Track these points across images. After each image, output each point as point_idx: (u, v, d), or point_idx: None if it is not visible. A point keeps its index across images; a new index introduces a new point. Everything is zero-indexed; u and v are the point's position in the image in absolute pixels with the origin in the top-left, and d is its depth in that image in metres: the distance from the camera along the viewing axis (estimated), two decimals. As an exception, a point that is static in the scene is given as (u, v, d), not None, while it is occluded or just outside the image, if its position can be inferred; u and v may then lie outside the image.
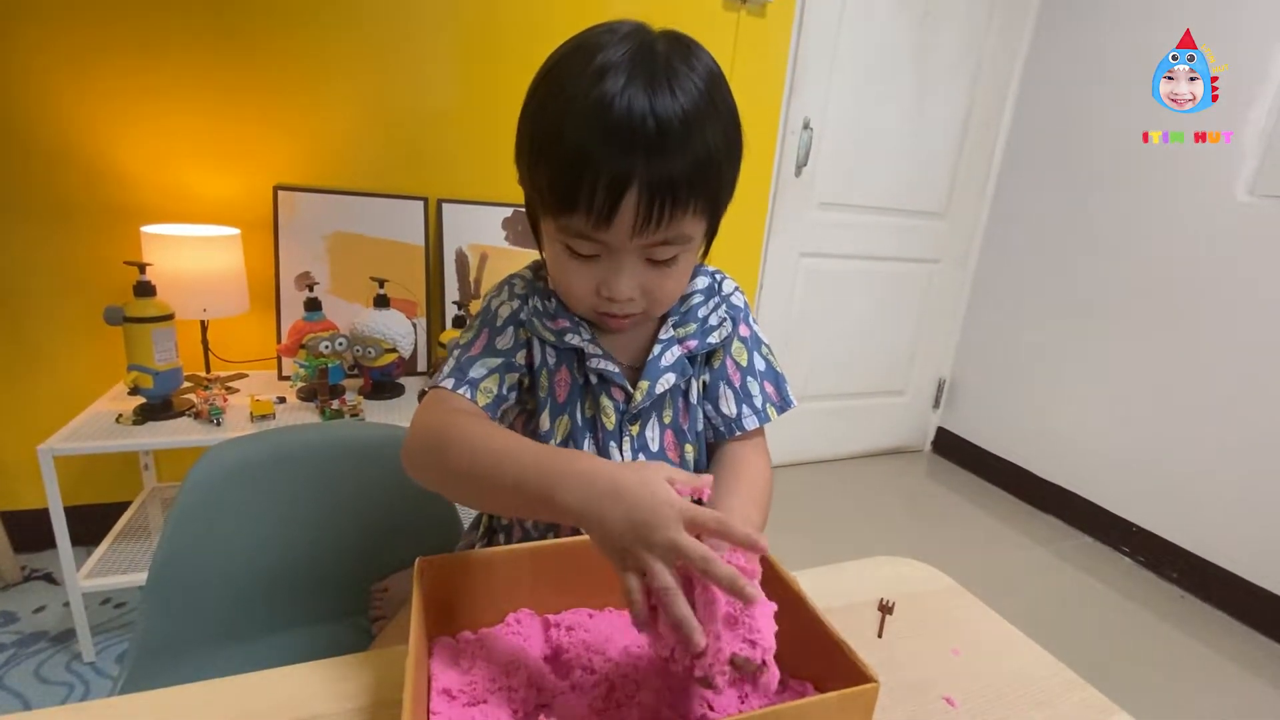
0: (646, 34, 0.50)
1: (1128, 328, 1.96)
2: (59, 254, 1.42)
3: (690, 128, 0.47)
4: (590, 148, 0.46)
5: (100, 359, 1.46)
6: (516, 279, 0.63)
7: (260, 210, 1.51)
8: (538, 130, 0.50)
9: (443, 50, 1.59)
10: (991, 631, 0.62)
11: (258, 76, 1.47)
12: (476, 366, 0.57)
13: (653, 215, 0.48)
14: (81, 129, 1.38)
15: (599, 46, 0.48)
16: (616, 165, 0.46)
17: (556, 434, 0.59)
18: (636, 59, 0.47)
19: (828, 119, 2.02)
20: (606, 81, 0.46)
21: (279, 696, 0.47)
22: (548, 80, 0.50)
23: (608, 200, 0.47)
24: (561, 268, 0.54)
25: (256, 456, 0.76)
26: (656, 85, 0.46)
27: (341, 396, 1.39)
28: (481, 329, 0.60)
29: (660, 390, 0.59)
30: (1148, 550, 1.91)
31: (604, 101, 0.46)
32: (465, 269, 1.68)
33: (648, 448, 0.60)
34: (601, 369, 0.58)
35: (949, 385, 2.56)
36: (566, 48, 0.51)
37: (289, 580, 0.78)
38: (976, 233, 2.41)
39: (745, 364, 0.64)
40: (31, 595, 1.41)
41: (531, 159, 0.51)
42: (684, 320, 0.62)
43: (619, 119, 0.45)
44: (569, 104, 0.47)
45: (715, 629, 0.38)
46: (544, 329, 0.59)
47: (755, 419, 0.63)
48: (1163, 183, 1.86)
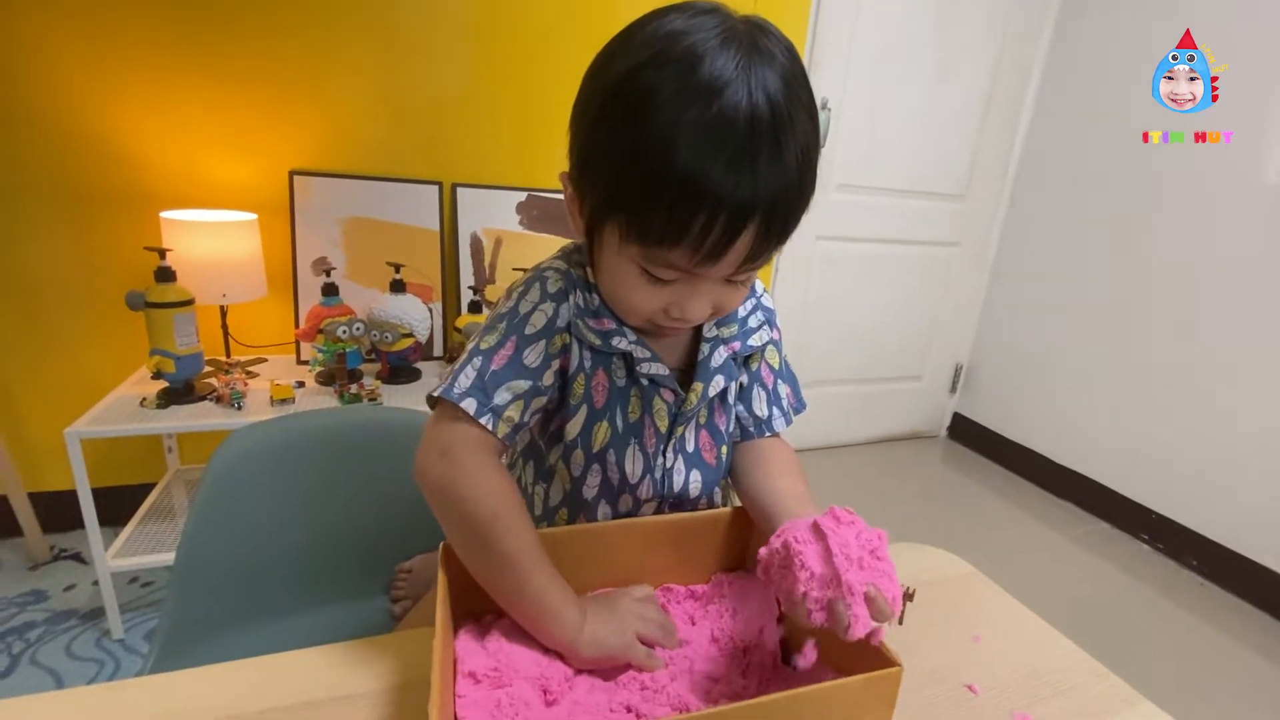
0: (741, 27, 0.43)
1: (1147, 313, 1.92)
2: (80, 241, 1.43)
3: (804, 149, 0.43)
4: (710, 181, 0.40)
5: (123, 344, 1.48)
6: (550, 273, 0.55)
7: (276, 195, 1.52)
8: (629, 156, 0.43)
9: (458, 35, 1.57)
10: (1013, 619, 0.62)
11: (273, 62, 1.46)
12: (502, 390, 0.50)
13: (763, 250, 0.44)
14: (98, 116, 1.38)
15: (699, 47, 0.41)
16: (740, 200, 0.41)
17: (594, 441, 0.55)
18: (749, 68, 0.41)
19: (846, 99, 1.99)
20: (725, 98, 0.40)
21: (306, 676, 0.48)
22: (633, 84, 0.42)
23: (723, 239, 0.42)
24: (627, 286, 0.48)
25: (278, 440, 0.77)
26: (775, 105, 0.41)
27: (359, 381, 1.40)
28: (509, 335, 0.52)
29: (713, 393, 0.57)
30: (1166, 537, 1.89)
31: (725, 125, 0.40)
32: (480, 253, 1.68)
33: (685, 449, 0.58)
34: (653, 374, 0.55)
35: (966, 370, 2.54)
36: (649, 41, 0.43)
37: (311, 561, 0.79)
38: (996, 216, 2.36)
39: (777, 366, 0.63)
40: (61, 574, 1.45)
41: (617, 179, 0.44)
42: (725, 320, 0.59)
43: (744, 146, 0.40)
44: (676, 122, 0.40)
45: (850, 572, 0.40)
46: (588, 331, 0.53)
47: (783, 420, 0.63)
48: (1186, 169, 1.81)
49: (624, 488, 0.57)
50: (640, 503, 0.58)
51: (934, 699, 0.51)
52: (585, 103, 0.46)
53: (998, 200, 2.34)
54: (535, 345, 0.52)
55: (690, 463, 0.58)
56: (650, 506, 0.58)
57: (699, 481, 0.58)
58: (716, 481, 0.60)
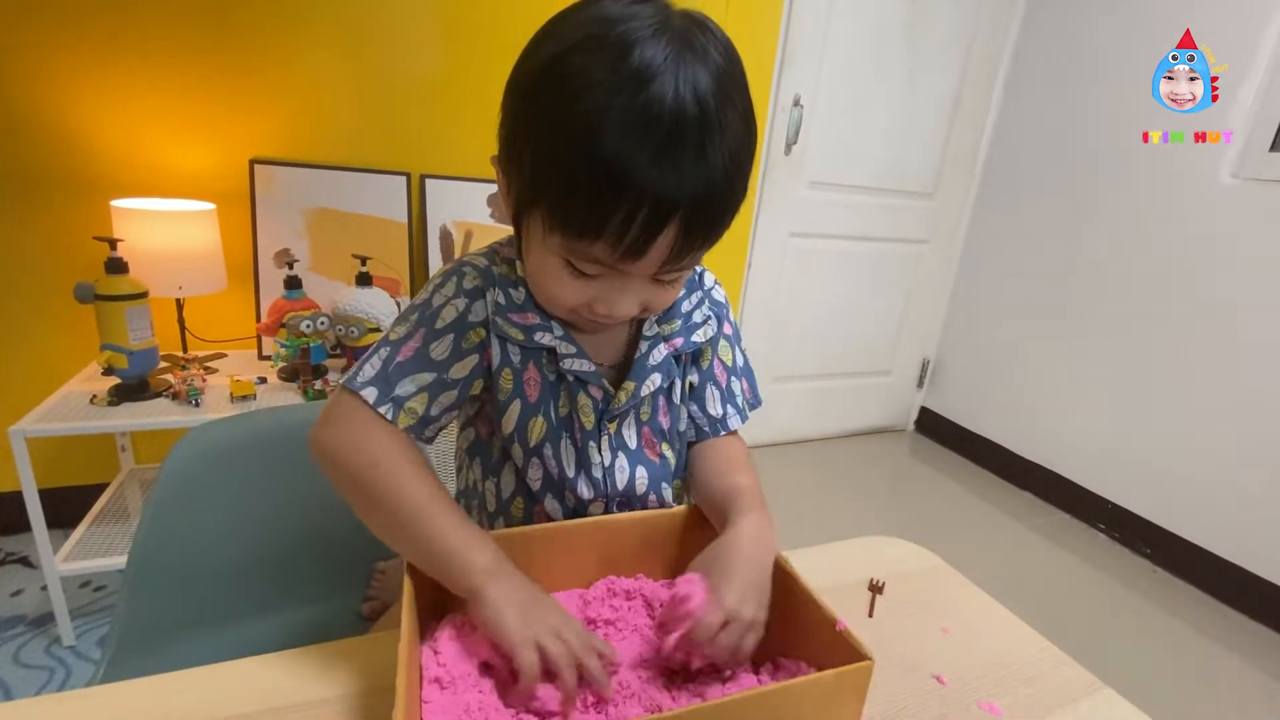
0: (678, 21, 0.43)
1: (1109, 310, 1.99)
2: (26, 228, 1.36)
3: (733, 152, 0.42)
4: (633, 172, 0.39)
5: (72, 338, 1.42)
6: (468, 268, 0.54)
7: (236, 184, 1.47)
8: (552, 131, 0.41)
9: (424, 20, 1.54)
10: (980, 610, 0.63)
11: (232, 44, 1.41)
12: (405, 382, 0.49)
13: (686, 249, 0.44)
14: (47, 99, 1.32)
15: (630, 35, 0.40)
16: (660, 197, 0.40)
17: (530, 436, 0.54)
18: (679, 61, 0.40)
19: (819, 96, 2.00)
20: (652, 89, 0.39)
21: (268, 683, 0.46)
22: (562, 67, 0.41)
23: (644, 234, 0.41)
24: (551, 278, 0.48)
25: (238, 438, 0.74)
26: (704, 102, 0.40)
27: (324, 376, 1.37)
28: (417, 328, 0.51)
29: (647, 391, 0.56)
30: (1121, 526, 1.96)
31: (650, 116, 0.39)
32: (450, 246, 1.65)
33: (625, 446, 0.57)
34: (577, 370, 0.53)
35: (934, 365, 2.59)
36: (582, 24, 0.42)
37: (274, 564, 0.77)
38: (964, 213, 2.41)
39: (730, 363, 0.62)
40: (7, 579, 1.39)
41: (538, 167, 0.43)
42: (667, 316, 0.58)
43: (668, 141, 0.39)
44: (602, 109, 0.39)
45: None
46: (510, 326, 0.52)
47: (739, 418, 0.62)
48: (1148, 167, 1.87)
49: (564, 482, 0.56)
50: (584, 501, 0.56)
51: (902, 690, 0.51)
52: (515, 83, 0.45)
53: (965, 199, 2.39)
54: (443, 339, 0.52)
55: (634, 460, 0.57)
56: (598, 505, 0.57)
57: (645, 478, 0.58)
58: (665, 478, 0.59)
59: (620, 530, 0.54)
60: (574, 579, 0.54)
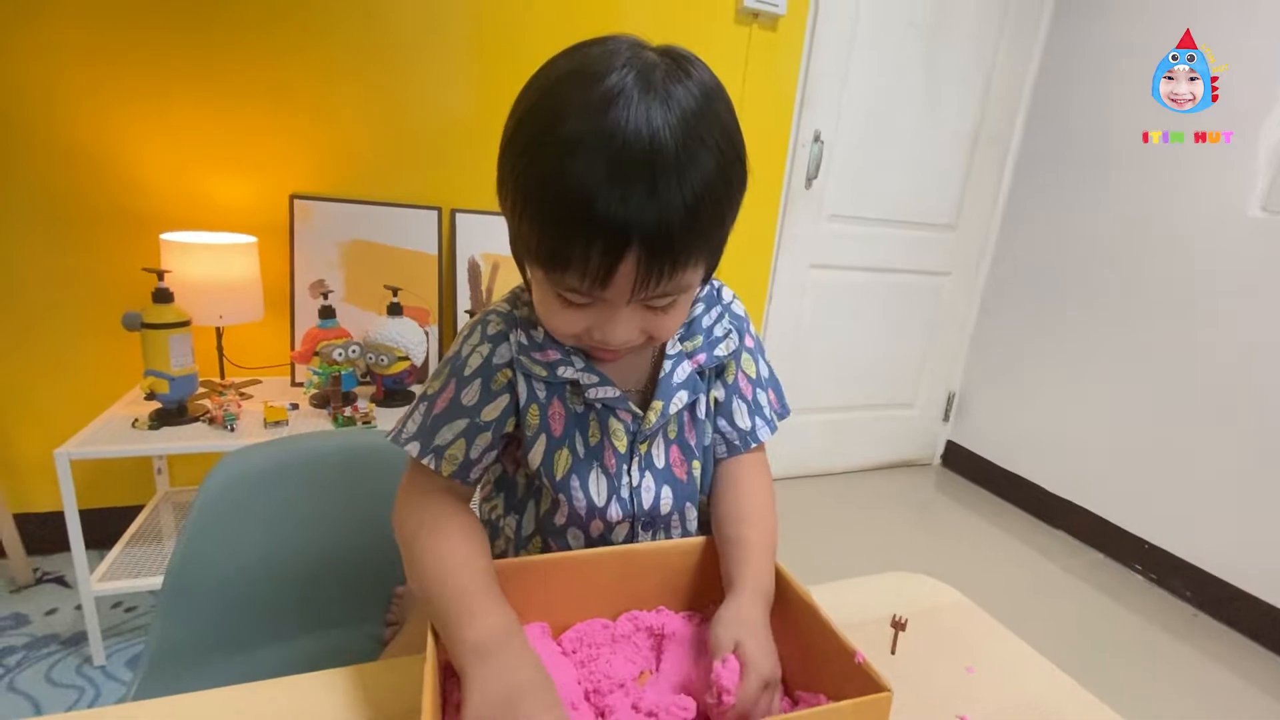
0: (652, 57, 0.44)
1: (1140, 342, 1.95)
2: (79, 260, 1.44)
3: (686, 177, 0.42)
4: (582, 213, 0.41)
5: (118, 364, 1.48)
6: (492, 315, 0.57)
7: (276, 218, 1.53)
8: (517, 187, 0.44)
9: (457, 62, 1.61)
10: (1006, 650, 0.62)
11: (275, 86, 1.49)
12: (443, 431, 0.53)
13: (651, 276, 0.44)
14: (101, 137, 1.40)
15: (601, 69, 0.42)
16: (611, 229, 0.41)
17: (556, 469, 0.55)
18: (645, 95, 0.41)
19: (839, 131, 2.03)
20: (609, 119, 0.40)
21: (292, 705, 0.48)
22: (538, 106, 0.44)
23: (604, 265, 0.43)
24: (549, 310, 0.50)
25: (270, 464, 0.77)
26: (656, 136, 0.41)
27: (354, 404, 1.40)
28: (449, 380, 0.55)
29: (675, 409, 0.57)
30: (1160, 567, 1.89)
31: (604, 144, 0.40)
32: (478, 277, 1.69)
33: (654, 465, 0.58)
34: (603, 397, 0.55)
35: (959, 398, 2.55)
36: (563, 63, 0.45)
37: (300, 587, 0.78)
38: (987, 245, 2.40)
39: (754, 375, 0.63)
40: (43, 598, 1.43)
41: (516, 205, 0.45)
42: (689, 333, 0.59)
43: (621, 171, 0.41)
44: (564, 141, 0.41)
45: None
46: (533, 364, 0.54)
47: (768, 429, 0.62)
48: (1175, 197, 1.86)
49: (592, 513, 0.56)
50: (611, 525, 0.57)
51: (926, 731, 0.51)
52: (504, 129, 0.47)
53: (988, 229, 2.38)
54: (472, 385, 0.55)
55: (661, 479, 0.58)
56: (622, 529, 0.58)
57: (669, 498, 0.58)
58: (689, 498, 0.60)
59: (641, 562, 0.55)
60: (596, 609, 0.54)
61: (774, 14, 1.84)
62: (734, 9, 1.82)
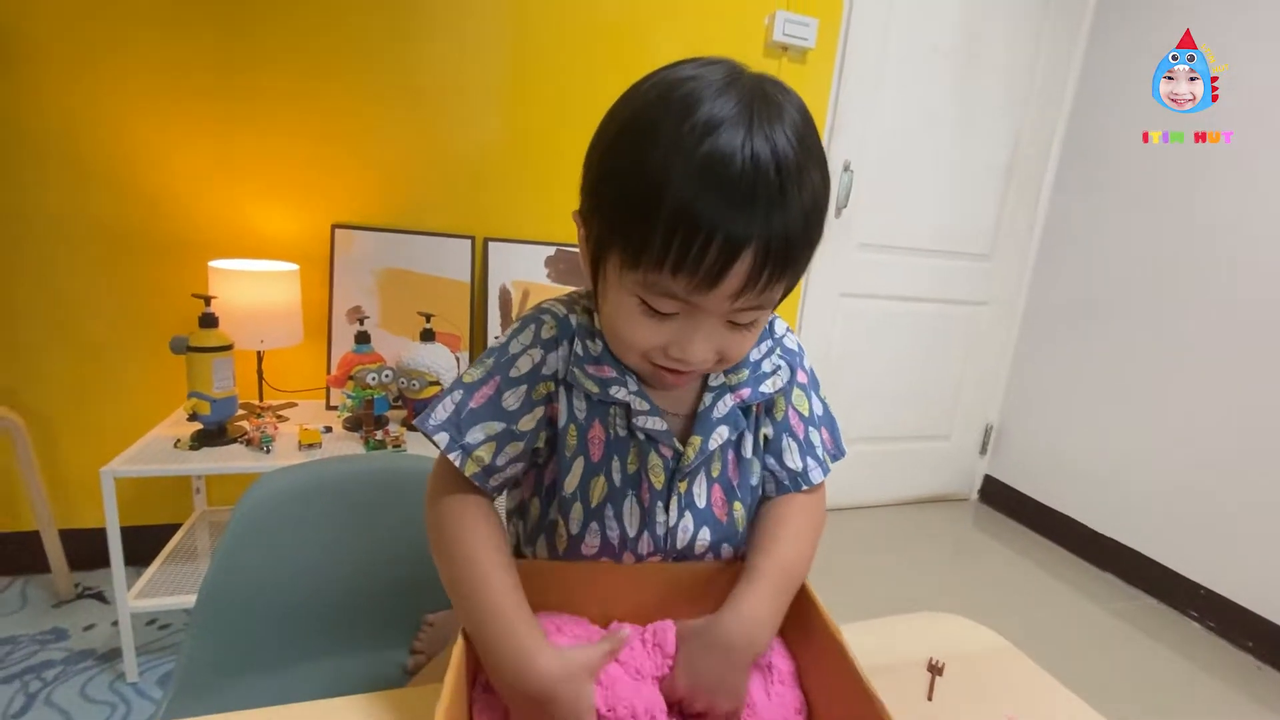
0: (747, 79, 0.46)
1: (1189, 372, 1.87)
2: (134, 287, 1.51)
3: (804, 187, 0.44)
4: (707, 207, 0.42)
5: (164, 386, 1.54)
6: (547, 316, 0.55)
7: (318, 247, 1.59)
8: (631, 181, 0.44)
9: (489, 96, 1.67)
10: (1050, 698, 0.59)
11: (319, 120, 1.56)
12: (475, 430, 0.51)
13: (761, 278, 0.44)
14: (155, 169, 1.48)
15: (699, 92, 0.44)
16: (734, 226, 0.42)
17: (592, 496, 0.54)
18: (749, 110, 0.43)
19: (868, 161, 2.03)
20: (722, 135, 0.42)
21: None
22: (638, 126, 0.45)
23: (719, 263, 0.43)
24: (626, 319, 0.48)
25: (302, 486, 0.78)
26: (775, 142, 0.42)
27: (385, 427, 1.42)
28: (492, 374, 0.53)
29: (714, 446, 0.54)
30: (1219, 615, 1.78)
31: (721, 157, 0.41)
32: (509, 305, 1.72)
33: (694, 505, 0.55)
34: (649, 428, 0.53)
35: (997, 430, 2.48)
36: (652, 90, 0.46)
37: (329, 609, 0.79)
38: (1025, 274, 2.35)
39: (806, 412, 0.60)
40: (82, 613, 1.46)
41: (619, 211, 0.46)
42: (735, 367, 0.56)
43: (739, 176, 0.41)
44: (674, 156, 0.42)
45: None
46: (585, 378, 0.53)
47: (820, 471, 0.59)
48: (1221, 222, 1.80)
49: (624, 544, 0.54)
50: (641, 559, 0.55)
51: (966, 783, 0.48)
52: (596, 140, 0.49)
53: (1025, 259, 2.34)
54: (517, 389, 0.53)
55: (700, 519, 0.55)
56: (654, 561, 0.56)
57: (707, 540, 0.56)
58: (729, 539, 0.57)
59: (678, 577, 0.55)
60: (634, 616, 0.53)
61: (803, 47, 1.86)
62: (763, 42, 1.85)
